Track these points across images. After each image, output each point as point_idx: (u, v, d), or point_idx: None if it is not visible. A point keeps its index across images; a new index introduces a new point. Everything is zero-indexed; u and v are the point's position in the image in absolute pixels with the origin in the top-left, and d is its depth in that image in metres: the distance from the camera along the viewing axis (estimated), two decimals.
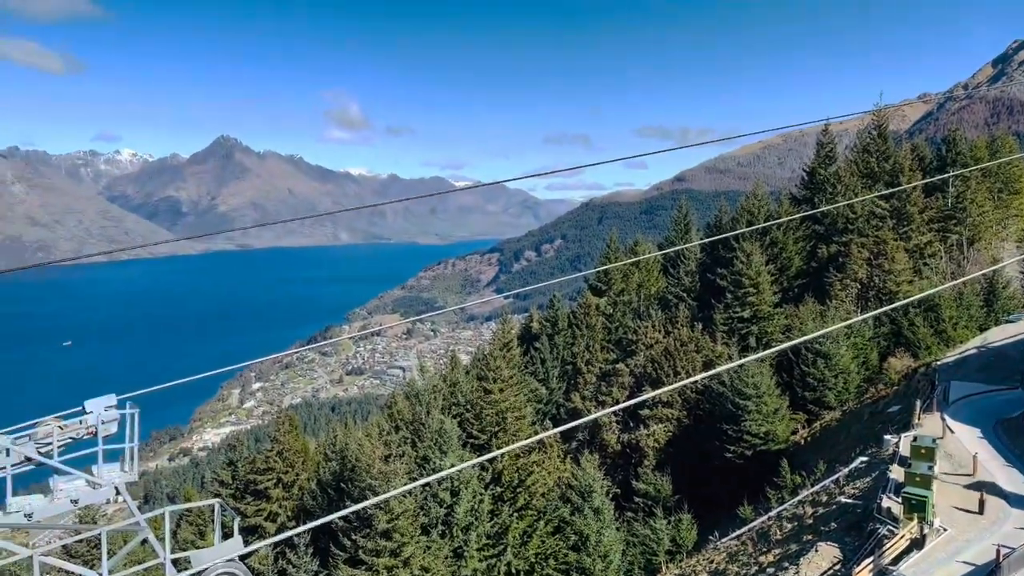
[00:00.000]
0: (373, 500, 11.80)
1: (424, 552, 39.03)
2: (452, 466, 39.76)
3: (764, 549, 36.47)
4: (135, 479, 14.89)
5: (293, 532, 10.95)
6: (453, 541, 40.89)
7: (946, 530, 28.22)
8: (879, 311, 24.91)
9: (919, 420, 39.47)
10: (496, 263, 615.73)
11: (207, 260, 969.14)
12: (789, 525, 37.56)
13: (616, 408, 50.62)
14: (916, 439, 32.91)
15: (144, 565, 13.24)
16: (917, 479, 29.46)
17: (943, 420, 38.52)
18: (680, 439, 53.20)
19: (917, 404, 41.19)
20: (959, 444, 36.05)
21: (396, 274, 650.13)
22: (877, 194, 64.00)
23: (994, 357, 47.96)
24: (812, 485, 40.17)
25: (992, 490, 30.87)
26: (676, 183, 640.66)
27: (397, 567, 38.01)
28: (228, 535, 15.03)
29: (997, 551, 25.08)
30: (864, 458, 39.39)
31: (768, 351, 17.15)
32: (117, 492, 14.50)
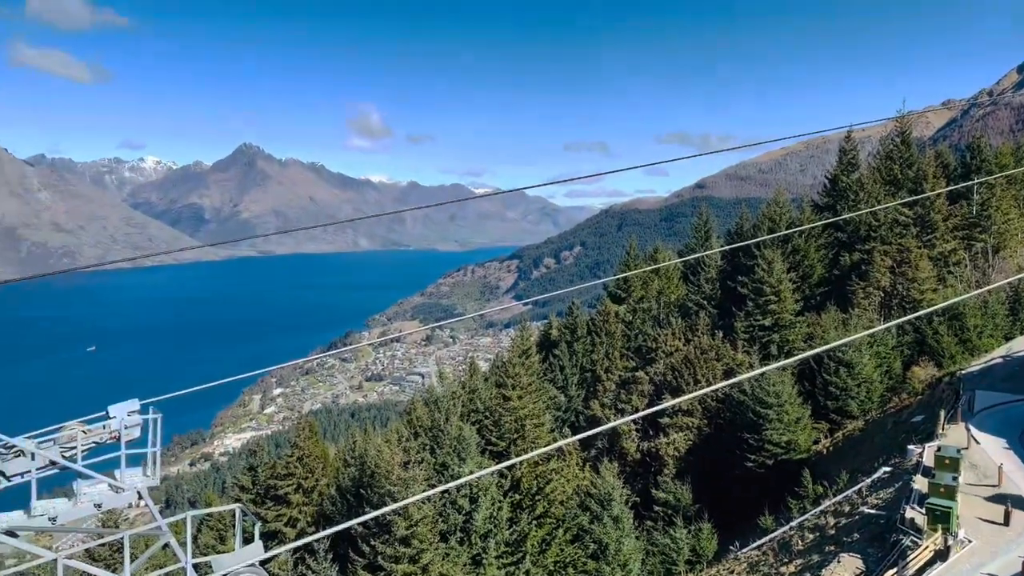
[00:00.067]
0: (392, 506, 11.84)
1: (443, 559, 39.02)
2: (471, 473, 39.77)
3: (785, 560, 36.14)
4: (157, 484, 15.05)
5: (313, 538, 11.02)
6: (472, 548, 40.84)
7: (971, 541, 27.84)
8: (902, 320, 24.72)
9: (943, 430, 38.97)
10: (515, 270, 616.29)
11: (229, 266, 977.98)
12: (811, 535, 37.20)
13: (636, 416, 50.15)
14: (940, 449, 32.55)
15: (165, 569, 13.33)
16: (941, 490, 29.11)
17: (968, 430, 38.03)
18: (700, 448, 52.88)
19: (941, 414, 40.66)
20: (984, 454, 35.55)
21: (416, 281, 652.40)
22: (900, 201, 63.41)
23: (1019, 366, 47.19)
24: (834, 495, 39.74)
25: (1018, 502, 30.36)
26: (697, 190, 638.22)
27: (416, 573, 38.03)
28: (249, 540, 15.13)
29: (1023, 563, 24.75)
30: (887, 468, 38.95)
31: (790, 360, 17.05)
32: (139, 496, 14.67)
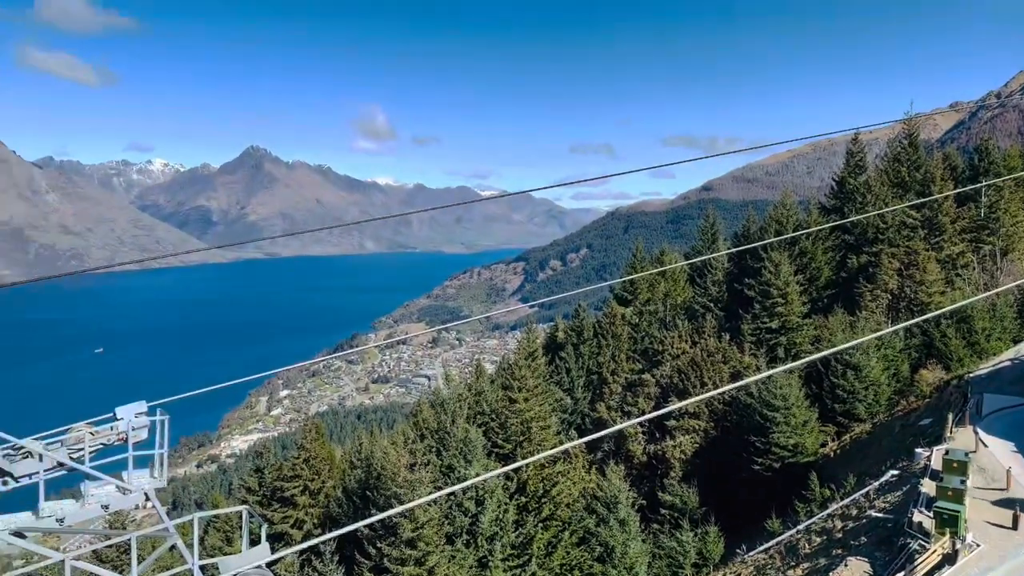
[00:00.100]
0: (398, 509, 11.88)
1: (449, 561, 39.04)
2: (477, 475, 39.78)
3: (792, 563, 36.01)
4: (164, 485, 15.12)
5: (319, 539, 11.06)
6: (478, 551, 40.84)
7: (979, 545, 27.69)
8: (910, 322, 24.65)
9: (951, 433, 38.78)
10: (521, 272, 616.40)
11: (236, 268, 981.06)
12: (818, 539, 37.06)
13: (642, 419, 50.40)
14: (948, 453, 32.38)
15: (173, 571, 13.40)
16: (949, 493, 28.96)
17: (976, 433, 37.84)
18: (707, 450, 52.75)
19: (949, 417, 40.48)
20: (992, 458, 35.36)
21: (422, 283, 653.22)
22: (908, 204, 63.19)
23: None
24: (842, 499, 39.59)
25: None
26: (703, 192, 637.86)
27: (422, 575, 38.09)
28: (255, 542, 15.20)
29: None
30: (895, 472, 38.77)
31: (797, 362, 17.03)
32: (146, 498, 14.75)
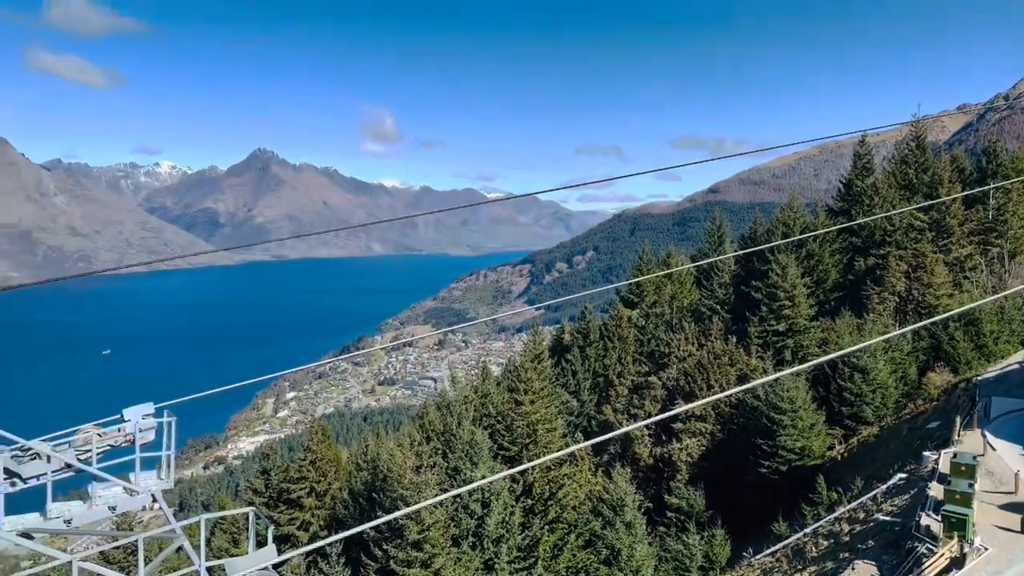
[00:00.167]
0: (405, 511, 11.89)
1: (455, 564, 39.02)
2: (483, 477, 39.76)
3: (799, 566, 35.89)
4: (171, 487, 15.19)
5: (326, 541, 11.09)
6: (484, 553, 40.81)
7: (987, 549, 27.56)
8: (918, 325, 24.53)
9: (959, 437, 38.62)
10: (527, 274, 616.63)
11: (243, 270, 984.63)
12: (825, 542, 36.93)
13: (648, 421, 50.26)
14: (956, 456, 32.22)
15: (179, 573, 13.42)
16: (957, 497, 28.81)
17: (984, 437, 37.67)
18: (713, 453, 52.60)
19: (957, 420, 40.31)
20: (1000, 461, 35.20)
21: (428, 285, 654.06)
22: (916, 206, 62.96)
23: None
24: (849, 502, 39.45)
25: None
26: (710, 194, 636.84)
27: None
28: (262, 543, 15.24)
29: None
30: (902, 475, 38.62)
31: (804, 365, 16.99)
32: (153, 499, 14.82)
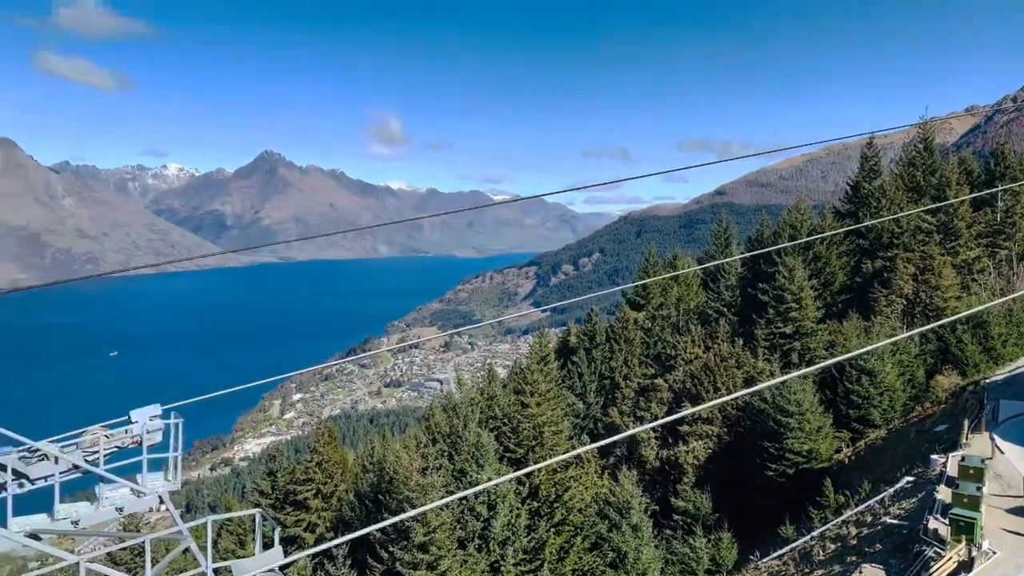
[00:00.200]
0: (410, 513, 11.88)
1: (461, 566, 39.02)
2: (489, 480, 39.77)
3: (806, 570, 35.78)
4: (178, 488, 15.22)
5: (332, 543, 11.10)
6: (490, 555, 40.80)
7: (995, 553, 27.42)
8: (926, 328, 24.45)
9: (967, 440, 38.45)
10: (534, 276, 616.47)
11: (250, 272, 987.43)
12: (832, 546, 36.81)
13: (655, 424, 50.22)
14: (964, 459, 32.08)
15: (186, 574, 13.46)
16: (965, 500, 28.68)
17: (992, 440, 37.49)
18: (720, 456, 52.48)
19: (965, 423, 40.11)
20: (1009, 465, 35.03)
21: (434, 287, 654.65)
22: (923, 208, 62.70)
23: None
24: (856, 505, 39.30)
25: None
26: (716, 197, 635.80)
27: None
28: (268, 545, 15.28)
29: None
30: (910, 478, 38.47)
31: (811, 368, 16.92)
32: (160, 501, 14.85)
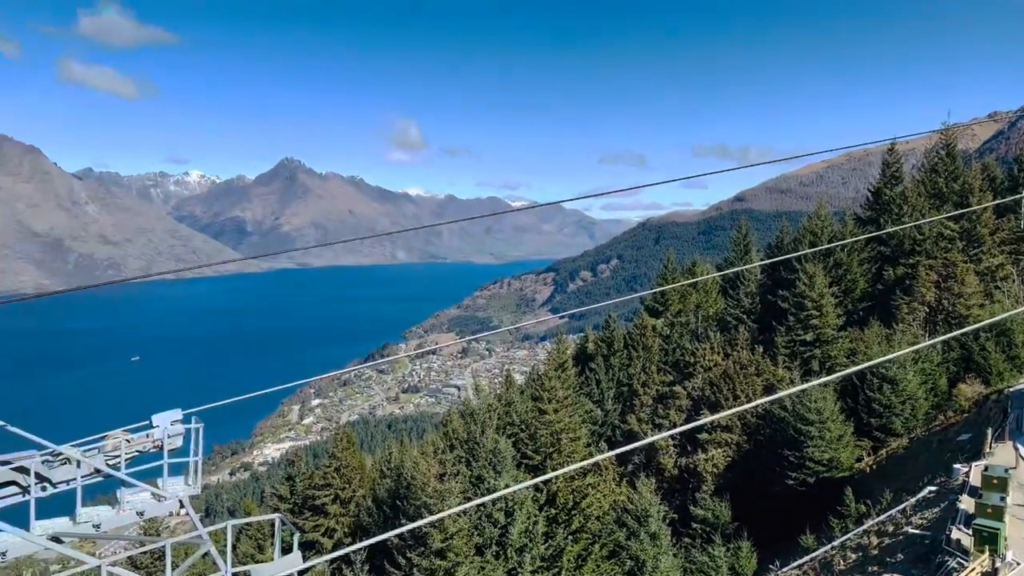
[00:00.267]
0: (428, 519, 11.92)
1: (478, 573, 38.99)
2: (506, 486, 39.72)
3: None
4: (198, 492, 15.36)
5: (350, 549, 11.15)
6: (507, 562, 40.73)
7: (1019, 564, 27.05)
8: (948, 336, 24.24)
9: (990, 449, 37.99)
10: (551, 283, 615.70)
11: (270, 278, 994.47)
12: (853, 556, 36.45)
13: (673, 431, 49.96)
14: (987, 469, 31.72)
15: None
16: (988, 510, 28.33)
17: (1016, 449, 37.03)
18: (739, 464, 52.13)
19: (988, 432, 39.62)
20: None
21: (452, 293, 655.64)
22: (946, 215, 62.07)
23: None
24: (878, 514, 38.91)
25: None
26: (735, 203, 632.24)
27: None
28: (287, 550, 15.35)
29: None
30: (932, 488, 38.04)
31: (832, 376, 16.83)
32: (181, 505, 14.99)
